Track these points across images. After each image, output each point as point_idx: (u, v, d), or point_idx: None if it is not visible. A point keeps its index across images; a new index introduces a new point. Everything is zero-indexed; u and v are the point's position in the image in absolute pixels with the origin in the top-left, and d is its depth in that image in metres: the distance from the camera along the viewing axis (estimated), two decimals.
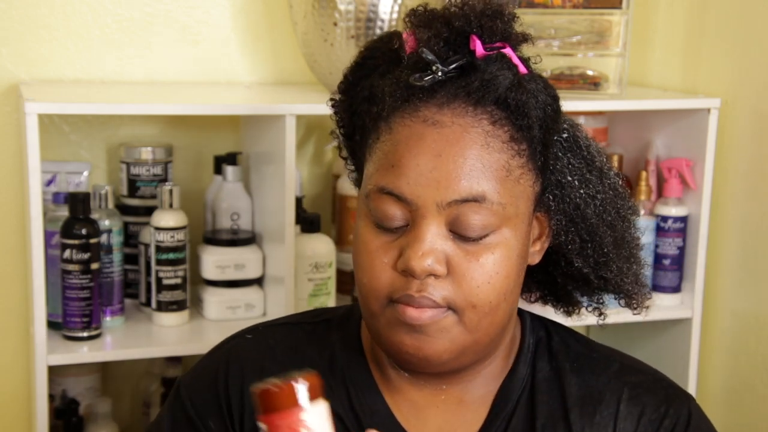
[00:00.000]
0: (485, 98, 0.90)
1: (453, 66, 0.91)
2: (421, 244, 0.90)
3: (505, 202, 0.91)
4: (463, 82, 0.91)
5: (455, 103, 0.91)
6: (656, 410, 1.01)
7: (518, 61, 0.94)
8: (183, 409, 1.03)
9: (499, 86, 0.90)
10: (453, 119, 0.90)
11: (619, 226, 1.02)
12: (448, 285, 0.91)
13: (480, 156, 0.90)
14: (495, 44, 0.93)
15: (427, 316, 0.91)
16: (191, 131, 1.87)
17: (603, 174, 1.02)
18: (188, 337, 1.67)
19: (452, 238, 0.91)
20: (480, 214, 0.90)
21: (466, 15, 0.93)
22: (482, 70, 0.91)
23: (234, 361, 1.03)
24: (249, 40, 1.88)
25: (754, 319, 1.84)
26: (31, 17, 1.76)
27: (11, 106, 1.76)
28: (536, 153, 0.94)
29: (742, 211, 1.85)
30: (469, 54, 0.92)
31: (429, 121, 0.90)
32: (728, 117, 1.85)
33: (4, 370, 1.81)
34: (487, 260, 0.91)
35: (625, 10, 1.75)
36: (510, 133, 0.91)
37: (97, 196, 1.66)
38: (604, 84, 1.78)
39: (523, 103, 0.91)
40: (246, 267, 1.73)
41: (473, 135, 0.90)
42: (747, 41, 1.83)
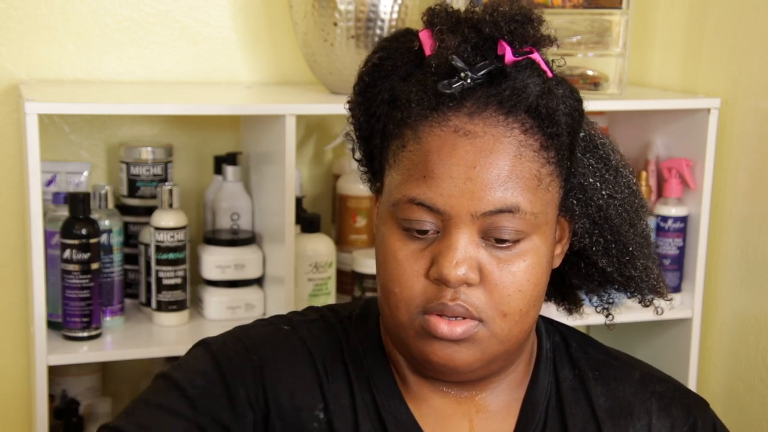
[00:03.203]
0: (517, 107, 0.89)
1: (482, 73, 0.90)
2: (455, 252, 0.89)
3: (537, 212, 0.90)
4: (493, 90, 0.89)
5: (486, 112, 0.89)
6: (686, 422, 1.03)
7: (545, 66, 0.93)
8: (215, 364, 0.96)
9: (530, 94, 0.89)
10: (485, 129, 0.89)
11: (639, 223, 1.02)
12: (480, 293, 0.90)
13: (513, 166, 0.89)
14: (523, 49, 0.92)
15: (458, 332, 0.90)
16: (191, 131, 1.87)
17: (619, 172, 1.01)
18: (188, 337, 1.67)
19: (484, 246, 0.90)
20: (513, 224, 0.89)
21: (496, 20, 0.91)
22: (512, 77, 0.89)
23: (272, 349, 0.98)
24: (249, 40, 1.88)
25: (754, 319, 1.84)
26: (31, 17, 1.76)
27: (11, 106, 1.76)
28: (564, 159, 0.93)
29: (742, 211, 1.85)
30: (497, 60, 0.90)
31: (460, 131, 0.89)
32: (728, 117, 1.85)
33: (4, 370, 1.81)
34: (518, 268, 0.91)
35: (625, 10, 1.75)
36: (540, 142, 0.90)
37: (97, 196, 1.66)
38: (604, 84, 1.78)
39: (553, 110, 0.90)
40: (246, 267, 1.73)
41: (506, 145, 0.89)
42: (747, 41, 1.83)
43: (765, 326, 1.81)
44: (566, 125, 0.92)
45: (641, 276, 1.03)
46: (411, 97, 0.91)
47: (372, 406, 0.98)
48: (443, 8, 0.95)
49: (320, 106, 1.66)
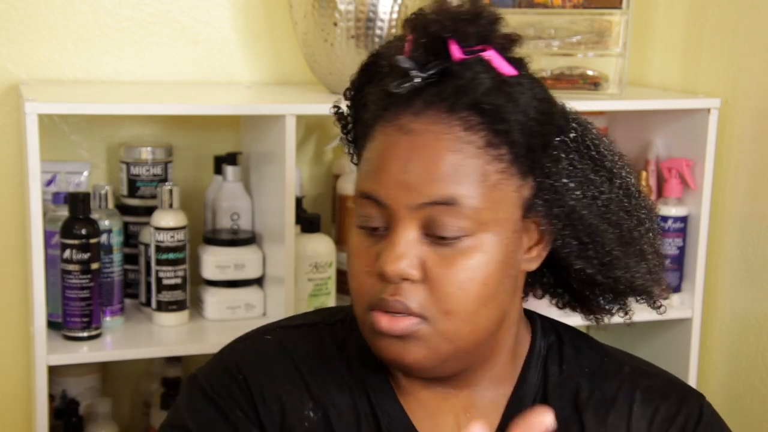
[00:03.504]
0: (458, 104, 0.90)
1: (429, 72, 0.91)
2: (394, 248, 0.90)
3: (480, 207, 0.90)
4: (439, 89, 0.91)
5: (431, 110, 0.91)
6: (668, 409, 1.02)
7: (503, 63, 0.93)
8: (206, 397, 0.99)
9: (474, 91, 0.90)
10: (426, 126, 0.90)
11: (627, 224, 0.99)
12: (423, 290, 0.91)
13: (451, 161, 0.89)
14: (475, 48, 0.92)
15: (400, 327, 0.91)
16: (191, 131, 1.87)
17: (613, 174, 0.99)
18: (188, 337, 1.67)
19: (428, 242, 0.91)
20: (452, 217, 0.89)
21: (441, 20, 0.93)
22: (458, 76, 0.91)
23: (253, 363, 1.01)
24: (249, 40, 1.88)
25: (754, 319, 1.84)
26: (31, 17, 1.76)
27: (11, 106, 1.76)
28: (520, 157, 0.92)
29: (742, 211, 1.85)
30: (446, 59, 0.92)
31: (404, 128, 0.91)
32: (728, 117, 1.85)
33: (4, 370, 1.81)
34: (461, 266, 0.90)
35: (625, 10, 1.75)
36: (486, 139, 0.90)
37: (97, 196, 1.66)
38: (604, 84, 1.78)
39: (499, 107, 0.90)
40: (246, 267, 1.73)
41: (444, 141, 0.90)
42: (747, 41, 1.83)
43: (765, 326, 1.81)
44: (518, 123, 0.91)
45: (626, 276, 1.01)
46: (371, 99, 0.95)
47: (365, 404, 0.99)
48: (417, 11, 0.96)
49: (320, 106, 1.66)
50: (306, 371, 1.00)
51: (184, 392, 1.03)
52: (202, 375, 1.02)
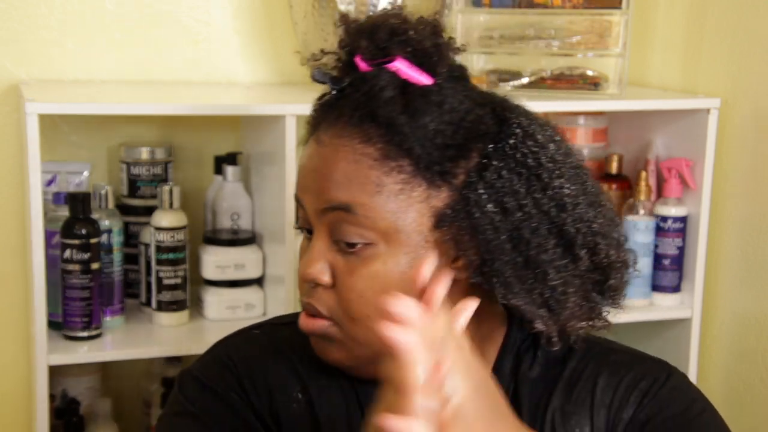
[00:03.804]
0: (358, 116, 0.92)
1: (342, 85, 0.94)
2: (308, 253, 0.95)
3: (375, 216, 0.91)
4: (347, 102, 0.93)
5: (339, 122, 0.93)
6: (633, 377, 1.01)
7: (414, 72, 0.92)
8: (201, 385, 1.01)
9: (372, 103, 0.91)
10: (331, 139, 0.93)
11: (538, 246, 0.93)
12: (332, 295, 0.94)
13: (344, 170, 0.92)
14: (382, 59, 0.92)
15: (313, 328, 0.96)
16: (191, 131, 1.87)
17: (546, 185, 0.94)
18: (188, 337, 1.67)
19: (337, 249, 0.94)
20: (351, 225, 0.92)
21: (348, 33, 0.95)
22: (361, 88, 0.92)
23: (242, 352, 1.03)
24: (249, 40, 1.88)
25: (754, 319, 1.84)
26: (31, 17, 1.76)
27: (11, 106, 1.76)
28: (425, 168, 0.91)
29: (742, 211, 1.86)
30: (356, 71, 0.94)
31: (318, 140, 0.95)
32: (728, 117, 1.85)
33: (4, 370, 1.81)
34: (360, 274, 0.92)
35: (625, 10, 1.75)
36: (382, 151, 0.91)
37: (97, 196, 1.67)
38: (604, 84, 1.78)
39: (395, 119, 0.90)
40: (246, 267, 1.73)
41: (343, 153, 0.92)
42: (747, 41, 1.83)
43: (765, 326, 1.82)
44: (424, 135, 0.91)
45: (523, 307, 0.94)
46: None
47: (349, 389, 1.00)
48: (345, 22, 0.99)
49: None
50: (296, 360, 1.01)
51: (178, 386, 1.04)
52: (195, 368, 1.04)
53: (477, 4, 1.79)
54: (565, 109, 1.90)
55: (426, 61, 0.93)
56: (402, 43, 0.93)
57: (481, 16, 1.80)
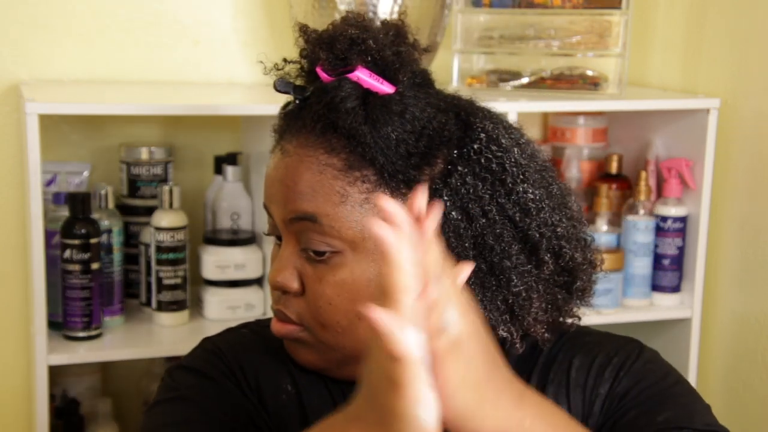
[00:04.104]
0: (321, 127, 0.92)
1: (304, 96, 0.94)
2: (277, 260, 0.96)
3: (340, 226, 0.91)
4: (310, 112, 0.93)
5: (302, 132, 0.94)
6: (607, 354, 1.01)
7: (375, 81, 0.92)
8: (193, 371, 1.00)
9: (334, 114, 0.91)
10: (296, 149, 0.94)
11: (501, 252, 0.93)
12: (302, 302, 0.95)
13: (311, 181, 0.92)
14: (343, 68, 0.92)
15: (283, 332, 0.97)
16: (191, 131, 1.88)
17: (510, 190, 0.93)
18: (188, 337, 1.67)
19: (305, 257, 0.94)
20: (317, 234, 0.92)
21: (309, 43, 0.95)
22: (323, 99, 0.92)
23: (230, 346, 1.03)
24: (249, 40, 1.88)
25: (754, 319, 1.84)
26: (31, 17, 1.76)
27: (11, 106, 1.76)
28: (390, 177, 0.91)
29: (742, 211, 1.86)
30: (319, 81, 0.94)
31: (283, 150, 0.95)
32: (728, 117, 1.85)
33: (4, 370, 1.81)
34: (328, 282, 0.93)
35: (625, 10, 1.75)
36: (346, 161, 0.91)
37: (97, 196, 1.67)
38: (604, 84, 1.78)
39: (358, 129, 0.90)
40: (246, 267, 1.73)
41: (307, 163, 0.92)
42: (747, 41, 1.83)
43: (765, 326, 1.82)
44: (386, 144, 0.91)
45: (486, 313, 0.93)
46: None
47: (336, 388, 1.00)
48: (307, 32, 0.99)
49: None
50: (284, 356, 1.01)
51: (167, 377, 1.03)
52: (185, 361, 1.04)
53: (477, 4, 1.79)
54: (565, 109, 1.90)
55: (387, 70, 0.93)
56: (362, 53, 0.92)
57: (481, 16, 1.80)
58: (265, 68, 1.00)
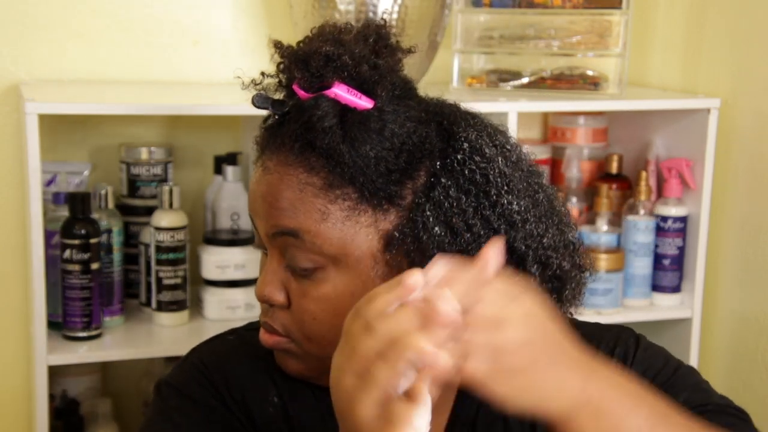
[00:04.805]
0: (299, 145, 0.91)
1: (282, 111, 0.93)
2: (263, 273, 0.96)
3: (322, 243, 0.90)
4: (289, 128, 0.92)
5: (282, 149, 0.92)
6: (606, 346, 1.01)
7: (353, 97, 0.90)
8: (180, 394, 1.01)
9: (312, 132, 0.89)
10: (276, 166, 0.92)
11: None
12: (288, 315, 0.95)
13: (292, 199, 0.91)
14: (320, 84, 0.90)
15: (271, 342, 0.97)
16: (191, 131, 1.87)
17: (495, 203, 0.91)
18: (188, 337, 1.67)
19: (290, 271, 0.94)
20: (299, 249, 0.92)
21: (285, 60, 0.94)
22: (300, 116, 0.91)
23: (216, 358, 1.03)
24: (249, 40, 1.88)
25: (754, 319, 1.84)
26: (31, 17, 1.76)
27: (11, 106, 1.76)
28: (371, 194, 0.90)
29: (742, 211, 1.86)
30: (296, 97, 0.92)
31: (264, 165, 0.94)
32: (728, 117, 1.85)
33: (4, 370, 1.81)
34: (312, 296, 0.93)
35: (625, 10, 1.75)
36: (326, 180, 0.90)
37: (97, 196, 1.67)
38: (604, 84, 1.78)
39: (336, 148, 0.89)
40: (246, 267, 1.73)
41: (288, 181, 0.91)
42: (747, 41, 1.83)
43: (765, 326, 1.82)
44: (367, 161, 0.89)
45: None
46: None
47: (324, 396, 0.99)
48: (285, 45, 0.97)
49: None
50: (271, 364, 1.01)
51: (156, 396, 1.03)
52: (171, 378, 1.04)
53: (477, 4, 1.79)
54: (565, 109, 1.90)
55: (365, 84, 0.91)
56: (338, 69, 0.90)
57: (481, 16, 1.80)
58: (242, 83, 0.99)
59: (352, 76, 0.90)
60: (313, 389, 1.00)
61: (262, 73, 0.98)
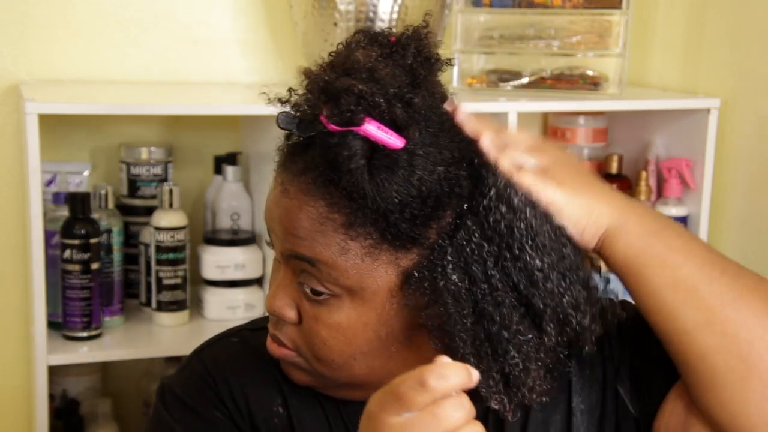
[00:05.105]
0: (323, 178, 0.87)
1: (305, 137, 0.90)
2: (275, 286, 0.94)
3: (339, 275, 0.88)
4: (314, 156, 0.88)
5: (305, 176, 0.89)
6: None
7: (385, 134, 0.86)
8: (183, 405, 0.99)
9: (339, 169, 0.85)
10: (297, 193, 0.89)
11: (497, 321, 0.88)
12: (298, 332, 0.93)
13: (311, 230, 0.88)
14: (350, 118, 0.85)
15: (279, 354, 0.95)
16: (191, 131, 1.88)
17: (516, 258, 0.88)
18: (188, 337, 1.67)
19: (304, 292, 0.91)
20: (314, 276, 0.89)
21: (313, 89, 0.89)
22: (327, 149, 0.87)
23: (220, 366, 1.01)
24: (249, 40, 1.88)
25: None
26: (31, 17, 1.76)
27: (11, 106, 1.76)
28: (393, 235, 0.87)
29: (742, 211, 1.85)
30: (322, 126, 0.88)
31: (283, 186, 0.91)
32: (728, 117, 1.85)
33: (4, 370, 1.81)
34: (325, 322, 0.91)
35: (625, 10, 1.75)
36: (348, 218, 0.86)
37: (97, 196, 1.67)
38: (604, 84, 1.78)
39: (361, 190, 0.85)
40: (246, 267, 1.73)
41: (307, 212, 0.88)
42: (747, 41, 1.83)
43: None
44: (392, 204, 0.85)
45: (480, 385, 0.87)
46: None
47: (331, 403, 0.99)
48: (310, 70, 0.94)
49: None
50: (275, 370, 0.99)
51: (159, 403, 1.02)
52: (175, 384, 1.02)
53: (477, 4, 1.79)
54: (565, 109, 1.90)
55: (397, 122, 0.86)
56: (370, 108, 0.86)
57: (481, 16, 1.80)
58: (268, 99, 0.96)
59: (383, 116, 0.86)
60: (319, 398, 0.99)
61: (289, 89, 0.94)
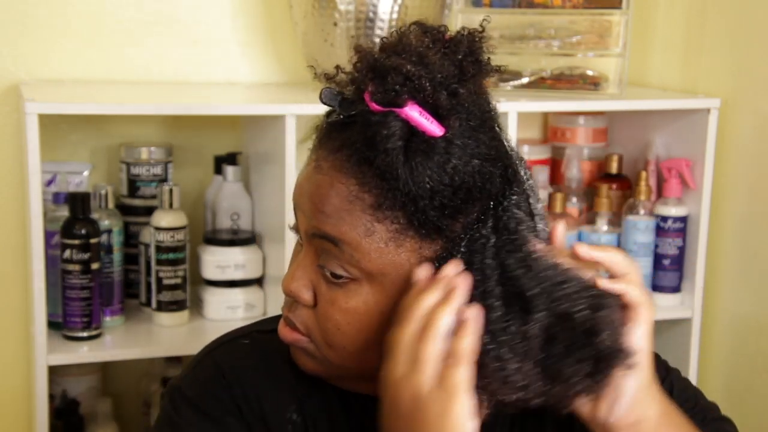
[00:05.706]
0: (359, 156, 0.87)
1: (348, 113, 0.89)
2: (293, 267, 0.94)
3: (361, 257, 0.88)
4: (352, 134, 0.88)
5: (340, 153, 0.89)
6: None
7: (426, 121, 0.85)
8: (194, 407, 0.98)
9: (376, 148, 0.85)
10: (330, 170, 0.89)
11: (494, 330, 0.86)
12: (312, 315, 0.93)
13: (339, 208, 0.88)
14: (393, 100, 0.85)
15: (291, 338, 0.94)
16: (191, 131, 1.88)
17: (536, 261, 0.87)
18: (188, 337, 1.67)
19: (323, 276, 0.91)
20: (336, 257, 0.89)
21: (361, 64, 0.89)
22: (368, 128, 0.87)
23: (234, 369, 1.00)
24: (249, 40, 1.88)
25: (753, 319, 1.84)
26: (31, 17, 1.76)
27: (11, 106, 1.76)
28: (420, 223, 0.87)
29: (742, 211, 1.86)
30: (366, 105, 0.88)
31: (318, 162, 0.91)
32: (728, 117, 1.85)
33: (4, 370, 1.81)
34: (341, 308, 0.90)
35: (625, 10, 1.75)
36: (378, 199, 0.86)
37: (97, 196, 1.67)
38: (604, 84, 1.78)
39: (396, 173, 0.85)
40: (246, 267, 1.73)
41: (338, 189, 0.88)
42: (747, 41, 1.83)
43: (765, 327, 1.82)
44: (424, 191, 0.85)
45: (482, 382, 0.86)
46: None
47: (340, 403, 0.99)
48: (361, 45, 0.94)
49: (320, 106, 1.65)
50: (289, 373, 0.98)
51: (169, 405, 1.00)
52: (186, 386, 1.00)
53: (477, 4, 1.79)
54: (565, 109, 1.90)
55: (440, 110, 0.86)
56: (415, 91, 0.86)
57: (482, 16, 1.80)
58: (315, 74, 0.95)
59: (427, 101, 0.86)
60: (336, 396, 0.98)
61: (336, 66, 0.93)
